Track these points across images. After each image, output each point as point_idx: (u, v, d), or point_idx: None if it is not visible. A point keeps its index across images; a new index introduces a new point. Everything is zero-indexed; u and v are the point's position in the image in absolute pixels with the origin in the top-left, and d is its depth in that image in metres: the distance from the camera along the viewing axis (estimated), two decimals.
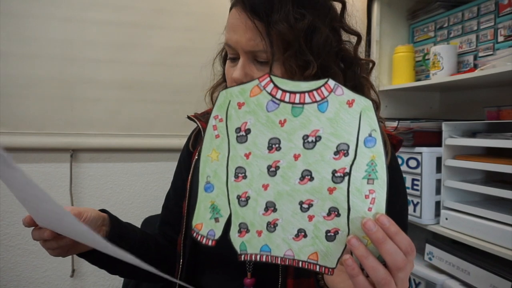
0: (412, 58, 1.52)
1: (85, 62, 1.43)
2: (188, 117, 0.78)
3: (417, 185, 1.31)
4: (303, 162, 0.44)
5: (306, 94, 0.44)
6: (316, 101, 0.43)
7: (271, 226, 0.46)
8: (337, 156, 0.43)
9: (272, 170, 0.45)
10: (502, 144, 1.08)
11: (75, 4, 1.41)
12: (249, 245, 0.47)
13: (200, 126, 0.75)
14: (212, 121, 0.46)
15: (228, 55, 0.66)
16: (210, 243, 0.47)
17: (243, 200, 0.46)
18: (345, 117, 0.43)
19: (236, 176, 0.46)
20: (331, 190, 0.44)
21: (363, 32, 0.73)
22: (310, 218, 0.45)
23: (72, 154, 1.45)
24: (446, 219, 1.24)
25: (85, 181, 1.48)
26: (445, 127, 1.24)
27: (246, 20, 0.59)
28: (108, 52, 1.45)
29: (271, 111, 0.44)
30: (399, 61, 1.52)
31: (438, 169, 1.28)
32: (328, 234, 0.44)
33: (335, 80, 0.54)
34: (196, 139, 0.80)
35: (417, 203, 1.31)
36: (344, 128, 0.43)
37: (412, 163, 1.32)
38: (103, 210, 0.70)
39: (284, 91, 0.44)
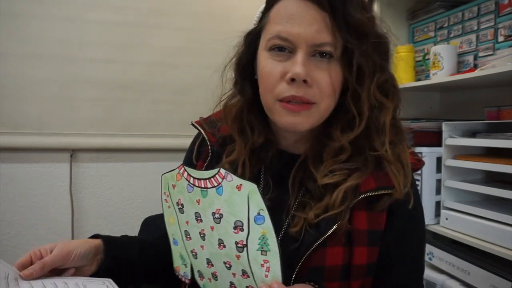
0: (412, 58, 1.51)
1: (85, 62, 1.43)
2: (193, 124, 0.72)
3: (417, 185, 1.31)
4: (217, 233, 0.53)
5: (207, 181, 0.53)
6: (214, 186, 0.52)
7: (214, 276, 0.57)
8: (236, 230, 0.51)
9: (202, 236, 0.55)
10: (502, 144, 1.07)
11: (75, 4, 1.41)
12: (208, 287, 0.59)
13: (205, 136, 0.69)
14: (163, 196, 0.61)
15: (270, 44, 0.57)
16: (186, 281, 0.61)
17: (194, 254, 0.58)
18: (236, 199, 0.50)
19: (186, 237, 0.58)
20: (238, 257, 0.52)
21: None
22: (234, 275, 0.54)
23: (71, 154, 1.45)
24: (446, 219, 1.24)
25: (85, 181, 1.48)
26: (445, 127, 1.24)
27: (310, 11, 0.53)
28: (108, 52, 1.45)
29: (190, 192, 0.55)
30: (399, 61, 1.52)
31: (438, 169, 1.28)
32: None
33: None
34: (199, 151, 0.72)
35: None
36: (238, 208, 0.50)
37: None
38: (96, 236, 0.67)
39: (194, 178, 0.55)
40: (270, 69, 0.57)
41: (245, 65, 0.63)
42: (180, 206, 0.58)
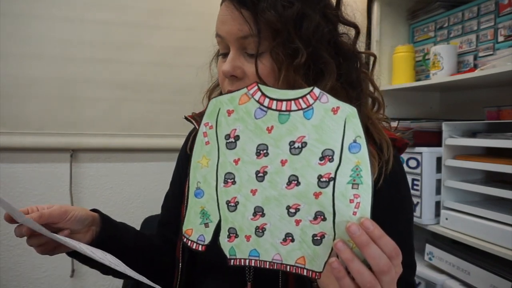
0: (412, 58, 1.52)
1: (85, 62, 1.43)
2: (186, 118, 0.75)
3: (417, 185, 1.31)
4: (290, 168, 0.45)
5: (292, 102, 0.45)
6: (302, 109, 0.45)
7: (260, 231, 0.47)
8: (322, 162, 0.44)
9: (260, 176, 0.46)
10: (502, 144, 1.08)
11: (75, 4, 1.40)
12: (238, 250, 0.48)
13: (197, 127, 0.74)
14: (202, 128, 0.49)
15: (220, 51, 0.66)
16: (200, 248, 0.49)
17: (232, 205, 0.48)
18: (330, 124, 0.44)
19: (226, 182, 0.48)
20: (317, 195, 0.44)
21: (363, 31, 0.72)
22: (297, 222, 0.45)
23: (72, 154, 1.45)
24: (446, 219, 1.24)
25: (85, 181, 1.48)
26: (445, 127, 1.24)
27: (233, 11, 0.59)
28: (108, 52, 1.45)
29: (259, 118, 0.46)
30: (399, 61, 1.52)
31: (438, 169, 1.28)
32: (315, 238, 0.45)
33: (327, 69, 0.56)
34: (193, 141, 0.77)
35: (417, 203, 1.31)
36: (329, 135, 0.44)
37: (412, 163, 1.32)
38: (95, 210, 0.69)
39: (271, 99, 0.46)
40: (218, 69, 0.66)
41: None
42: (231, 140, 0.47)
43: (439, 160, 1.28)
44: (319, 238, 0.45)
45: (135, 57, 1.48)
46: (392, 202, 0.63)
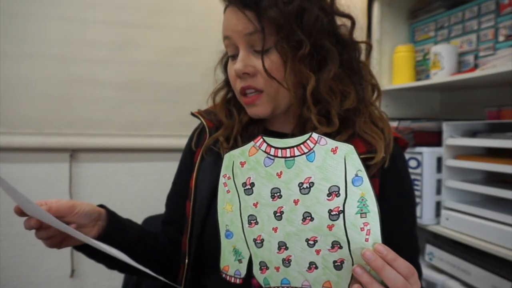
0: (412, 58, 1.51)
1: (85, 62, 1.43)
2: (192, 114, 0.78)
3: (417, 185, 1.30)
4: (303, 206, 0.50)
5: (295, 148, 0.51)
6: (304, 153, 0.50)
7: (286, 262, 0.53)
8: (330, 197, 0.49)
9: (278, 215, 0.52)
10: (502, 144, 1.07)
11: (75, 4, 1.40)
12: (271, 280, 0.54)
13: (205, 123, 0.76)
14: (222, 180, 0.55)
15: (229, 53, 0.69)
16: (238, 281, 0.56)
17: (259, 242, 0.54)
18: (331, 163, 0.49)
19: (250, 223, 0.54)
20: (330, 227, 0.49)
21: (362, 31, 0.74)
22: (318, 252, 0.51)
23: (71, 154, 1.44)
24: (447, 219, 1.23)
25: (85, 181, 1.48)
26: (445, 127, 1.24)
27: (237, 13, 0.63)
28: (108, 52, 1.45)
29: (268, 166, 0.52)
30: (399, 61, 1.52)
31: (439, 169, 1.28)
32: (336, 264, 0.50)
33: (330, 57, 0.62)
34: (199, 138, 0.79)
35: (418, 203, 1.31)
36: (332, 172, 0.49)
37: (413, 163, 1.32)
38: (102, 206, 0.71)
39: (276, 148, 0.52)
40: (229, 71, 0.69)
41: (226, 62, 0.74)
42: (248, 187, 0.53)
43: (439, 160, 1.28)
44: (339, 263, 0.50)
45: (135, 57, 1.48)
46: (398, 199, 0.68)
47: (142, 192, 1.54)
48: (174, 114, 1.52)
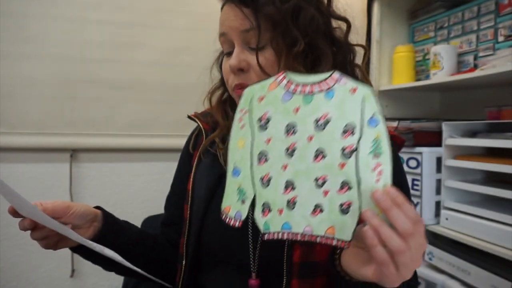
0: (412, 58, 1.51)
1: (85, 62, 1.43)
2: (189, 117, 0.78)
3: (417, 185, 1.31)
4: (316, 142, 0.50)
5: (316, 85, 0.50)
6: (323, 90, 0.50)
7: (291, 204, 0.51)
8: (345, 135, 0.48)
9: (290, 152, 0.51)
10: (502, 144, 1.07)
11: (75, 4, 1.41)
12: (272, 224, 0.52)
13: (201, 126, 0.76)
14: (238, 115, 0.54)
15: (224, 51, 0.70)
16: (237, 224, 0.53)
17: (266, 182, 0.52)
18: (349, 102, 0.48)
19: (259, 160, 0.52)
20: (341, 166, 0.48)
21: (362, 31, 0.74)
22: (325, 193, 0.49)
23: (72, 154, 1.44)
24: (446, 219, 1.24)
25: (85, 181, 1.48)
26: (445, 127, 1.24)
27: (234, 10, 0.64)
28: (108, 52, 1.45)
29: (286, 101, 0.51)
30: (399, 61, 1.52)
31: (438, 169, 1.28)
32: (342, 207, 0.49)
33: (323, 56, 0.63)
34: (196, 141, 0.79)
35: (417, 203, 1.31)
36: (350, 111, 0.48)
37: (412, 163, 1.32)
38: (98, 208, 0.71)
39: (297, 84, 0.51)
40: (224, 67, 0.70)
41: (222, 62, 0.74)
42: (263, 122, 0.52)
43: (439, 160, 1.28)
44: (346, 207, 0.48)
45: (135, 57, 1.48)
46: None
47: (142, 192, 1.54)
48: (174, 114, 1.52)
